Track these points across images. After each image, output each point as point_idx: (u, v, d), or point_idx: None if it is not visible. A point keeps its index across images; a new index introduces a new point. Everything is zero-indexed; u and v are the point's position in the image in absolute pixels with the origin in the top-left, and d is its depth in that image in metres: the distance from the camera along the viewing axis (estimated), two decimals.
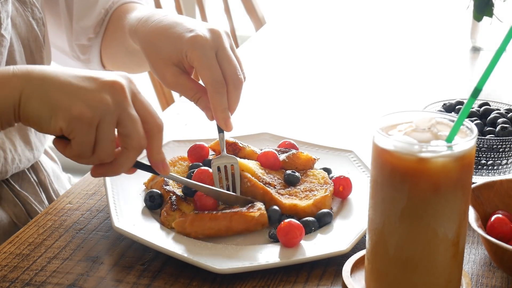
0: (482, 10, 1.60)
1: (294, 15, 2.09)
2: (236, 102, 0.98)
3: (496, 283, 0.85)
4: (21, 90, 0.80)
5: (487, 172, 1.05)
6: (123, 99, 0.80)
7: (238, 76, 0.97)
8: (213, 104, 0.97)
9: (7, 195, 1.12)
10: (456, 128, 0.71)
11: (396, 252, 0.73)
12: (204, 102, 0.99)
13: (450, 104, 1.13)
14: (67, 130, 0.79)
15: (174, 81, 0.99)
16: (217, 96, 0.96)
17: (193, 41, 0.96)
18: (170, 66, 0.99)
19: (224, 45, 0.97)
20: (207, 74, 0.96)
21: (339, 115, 1.36)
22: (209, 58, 0.96)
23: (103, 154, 0.81)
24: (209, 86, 0.96)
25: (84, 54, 1.24)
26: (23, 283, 0.85)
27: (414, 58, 1.70)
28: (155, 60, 1.00)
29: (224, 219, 0.90)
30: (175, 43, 0.98)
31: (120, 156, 0.83)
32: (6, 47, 1.04)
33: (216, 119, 0.98)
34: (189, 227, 0.89)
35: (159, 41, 1.00)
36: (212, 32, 0.98)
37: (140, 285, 0.84)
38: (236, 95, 0.98)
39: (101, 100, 0.79)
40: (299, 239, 0.88)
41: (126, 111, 0.80)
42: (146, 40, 1.02)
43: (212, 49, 0.96)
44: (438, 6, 2.12)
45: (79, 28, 1.21)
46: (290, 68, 1.64)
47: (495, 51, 0.70)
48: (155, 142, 0.84)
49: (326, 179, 1.00)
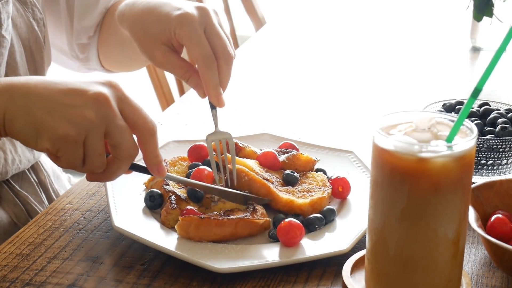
0: (482, 10, 1.60)
1: (294, 15, 2.09)
2: (227, 77, 0.97)
3: (496, 283, 0.85)
4: (4, 110, 0.79)
5: (487, 172, 1.05)
6: (108, 111, 0.79)
7: (228, 51, 0.96)
8: (204, 80, 0.96)
9: (7, 195, 1.12)
10: (456, 128, 0.71)
11: (396, 252, 0.73)
12: (195, 80, 0.98)
13: (450, 104, 1.13)
14: (53, 150, 0.79)
15: (164, 60, 0.98)
16: (208, 72, 0.95)
17: (181, 18, 0.95)
18: (159, 45, 0.98)
19: (213, 21, 0.97)
20: (197, 50, 0.95)
21: (339, 115, 1.36)
22: (198, 34, 0.95)
23: (92, 166, 0.81)
24: (199, 62, 0.95)
25: (83, 53, 1.24)
26: (23, 283, 0.85)
27: (414, 58, 1.70)
28: (144, 40, 1.00)
29: (230, 225, 0.89)
30: (163, 22, 0.97)
31: (111, 165, 0.83)
32: (6, 47, 1.04)
33: (208, 95, 0.97)
34: (193, 232, 0.88)
35: (146, 21, 0.99)
36: (200, 9, 0.97)
37: (140, 285, 0.84)
38: (227, 70, 0.97)
39: (84, 116, 0.78)
40: (299, 238, 0.88)
41: (112, 123, 0.79)
42: (133, 22, 1.01)
43: (200, 25, 0.95)
44: (438, 6, 2.12)
45: (80, 27, 1.20)
46: (290, 68, 1.64)
47: (495, 51, 0.70)
48: (149, 146, 0.84)
49: (325, 181, 1.00)
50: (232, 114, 1.30)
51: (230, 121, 1.26)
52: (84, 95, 0.79)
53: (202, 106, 1.25)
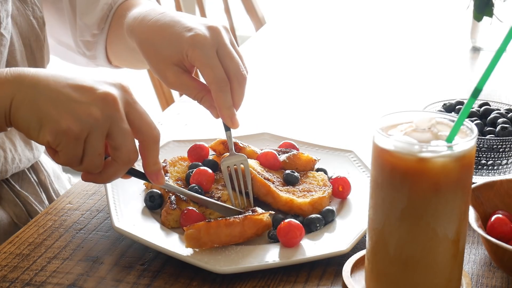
0: (482, 10, 1.60)
1: (294, 15, 2.09)
2: (240, 98, 0.97)
3: (496, 283, 0.85)
4: (12, 97, 0.79)
5: (487, 172, 1.05)
6: (114, 112, 0.79)
7: (241, 73, 0.96)
8: (217, 102, 0.96)
9: (7, 195, 1.12)
10: (456, 128, 0.71)
11: (396, 252, 0.73)
12: (208, 101, 0.98)
13: (450, 104, 1.13)
14: (54, 143, 0.79)
15: (176, 81, 0.98)
16: (221, 95, 0.95)
17: (193, 41, 0.95)
18: (171, 66, 0.98)
19: (225, 42, 0.96)
20: (210, 73, 0.95)
21: (339, 115, 1.36)
22: (211, 57, 0.95)
23: (90, 166, 0.81)
24: (212, 85, 0.95)
25: (90, 51, 1.24)
26: (23, 283, 0.85)
27: (414, 58, 1.70)
28: (155, 61, 0.99)
29: (238, 224, 0.88)
30: (175, 44, 0.97)
31: (109, 167, 0.82)
32: (6, 46, 1.04)
33: (222, 117, 0.97)
34: (204, 236, 0.86)
35: (157, 41, 0.98)
36: (211, 29, 0.96)
37: (140, 285, 0.84)
38: (241, 91, 0.97)
39: (90, 113, 0.78)
40: (299, 239, 0.88)
41: (116, 125, 0.79)
42: (143, 40, 1.01)
43: (212, 47, 0.95)
44: (438, 6, 2.12)
45: (83, 24, 1.20)
46: (290, 68, 1.64)
47: (495, 51, 0.70)
48: (150, 153, 0.84)
49: (325, 181, 1.00)
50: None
51: None
52: (93, 92, 0.79)
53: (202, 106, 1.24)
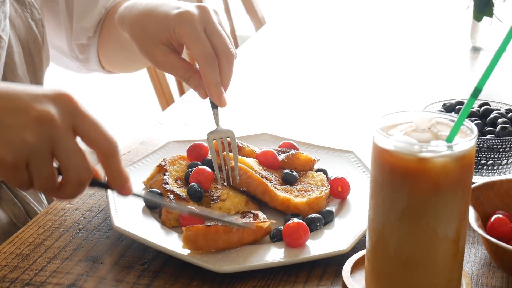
0: (482, 10, 1.60)
1: (294, 15, 2.09)
2: (229, 76, 0.96)
3: (496, 283, 0.85)
4: None
5: (487, 172, 1.05)
6: (53, 132, 0.71)
7: (229, 49, 0.95)
8: (205, 79, 0.95)
9: (6, 195, 1.12)
10: (456, 128, 0.71)
11: (396, 252, 0.73)
12: (196, 80, 0.97)
13: (450, 104, 1.13)
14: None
15: (164, 60, 0.98)
16: (209, 70, 0.94)
17: (181, 17, 0.95)
18: (159, 45, 0.97)
19: (213, 20, 0.96)
20: (197, 48, 0.94)
21: (339, 115, 1.36)
22: (198, 32, 0.94)
23: (42, 189, 0.75)
24: (200, 60, 0.94)
25: (83, 54, 1.24)
26: (23, 283, 0.85)
27: (414, 58, 1.70)
28: (143, 41, 0.99)
29: (237, 231, 0.87)
30: (162, 21, 0.96)
31: (63, 187, 0.75)
32: (4, 48, 1.04)
33: (209, 94, 0.96)
34: (201, 241, 0.86)
35: (146, 21, 0.98)
36: (200, 8, 0.96)
37: (140, 285, 0.84)
38: (229, 69, 0.96)
39: (23, 140, 0.70)
40: (304, 239, 0.88)
41: (58, 145, 0.72)
42: (133, 23, 1.01)
43: (200, 23, 0.95)
44: (438, 6, 2.12)
45: (80, 27, 1.20)
46: (290, 68, 1.64)
47: (495, 51, 0.70)
48: (111, 164, 0.76)
49: (324, 181, 1.00)
50: (232, 114, 1.30)
51: (230, 121, 1.25)
52: (27, 114, 0.71)
53: (202, 106, 1.25)
